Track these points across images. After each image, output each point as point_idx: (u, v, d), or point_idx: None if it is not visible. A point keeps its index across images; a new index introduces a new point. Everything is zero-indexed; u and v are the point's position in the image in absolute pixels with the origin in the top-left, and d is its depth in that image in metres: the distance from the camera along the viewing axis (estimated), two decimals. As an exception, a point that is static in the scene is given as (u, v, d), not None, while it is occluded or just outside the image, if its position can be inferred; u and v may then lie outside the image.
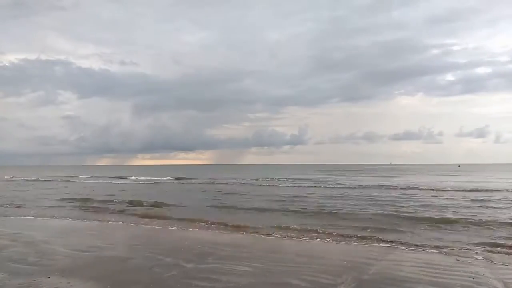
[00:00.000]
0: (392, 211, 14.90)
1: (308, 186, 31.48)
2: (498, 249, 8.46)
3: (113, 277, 6.09)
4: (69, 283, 5.74)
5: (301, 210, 15.63)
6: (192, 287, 5.61)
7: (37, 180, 45.50)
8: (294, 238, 9.73)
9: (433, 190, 25.91)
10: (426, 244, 8.86)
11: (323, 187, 30.49)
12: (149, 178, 49.35)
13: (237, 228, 11.29)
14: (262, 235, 10.07)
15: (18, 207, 17.64)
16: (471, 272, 6.42)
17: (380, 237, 9.76)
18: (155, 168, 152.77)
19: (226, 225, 11.83)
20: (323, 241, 9.37)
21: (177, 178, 47.50)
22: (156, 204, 18.15)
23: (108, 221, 12.95)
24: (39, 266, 6.74)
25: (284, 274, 6.21)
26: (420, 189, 26.60)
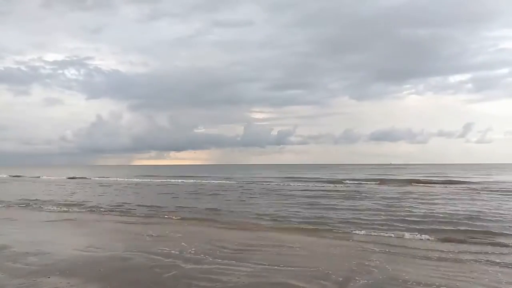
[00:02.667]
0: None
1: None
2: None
3: (113, 277, 6.11)
4: (69, 283, 5.75)
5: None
6: (192, 287, 5.63)
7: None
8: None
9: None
10: None
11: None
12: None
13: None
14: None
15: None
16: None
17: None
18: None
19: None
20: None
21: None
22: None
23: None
24: (39, 266, 6.75)
25: (284, 274, 6.23)
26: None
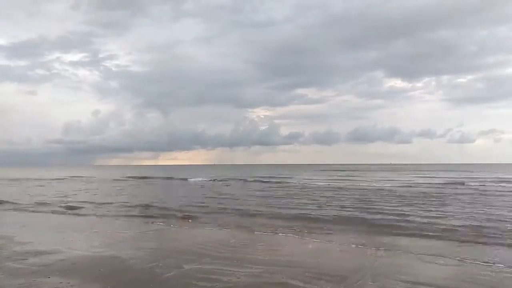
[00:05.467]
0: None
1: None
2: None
3: (113, 277, 6.11)
4: (69, 283, 5.75)
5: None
6: (192, 287, 5.62)
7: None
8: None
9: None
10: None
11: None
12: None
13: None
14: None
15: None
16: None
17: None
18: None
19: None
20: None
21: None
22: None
23: None
24: (39, 266, 6.74)
25: (284, 274, 6.22)
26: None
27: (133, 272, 6.37)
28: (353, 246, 8.63)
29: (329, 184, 32.46)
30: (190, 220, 12.65)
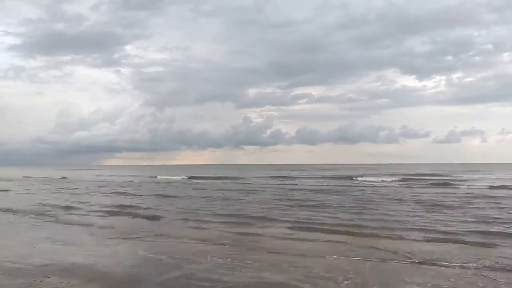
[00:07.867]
0: None
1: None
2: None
3: (113, 277, 6.10)
4: (69, 283, 5.74)
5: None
6: (192, 287, 5.60)
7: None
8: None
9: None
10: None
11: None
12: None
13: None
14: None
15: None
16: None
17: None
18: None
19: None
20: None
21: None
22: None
23: None
24: (39, 266, 6.74)
25: (284, 274, 6.20)
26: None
27: (133, 272, 6.36)
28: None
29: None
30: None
